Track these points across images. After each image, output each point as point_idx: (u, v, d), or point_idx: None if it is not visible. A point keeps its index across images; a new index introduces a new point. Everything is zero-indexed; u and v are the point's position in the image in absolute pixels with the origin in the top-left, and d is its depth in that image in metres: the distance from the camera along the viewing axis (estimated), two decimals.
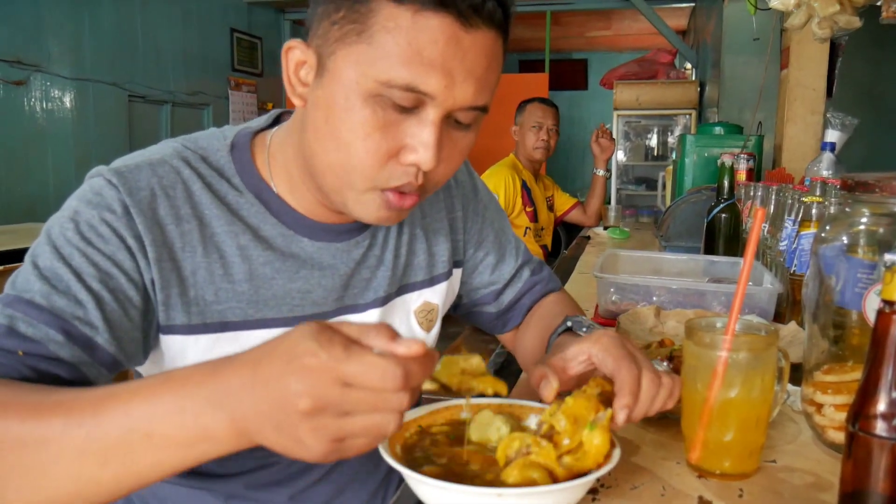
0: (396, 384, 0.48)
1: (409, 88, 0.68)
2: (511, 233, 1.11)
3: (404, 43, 0.67)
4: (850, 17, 1.80)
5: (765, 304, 1.29)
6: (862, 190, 0.78)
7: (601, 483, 0.73)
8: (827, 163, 1.98)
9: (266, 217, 0.82)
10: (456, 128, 0.75)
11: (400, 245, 0.93)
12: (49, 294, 0.67)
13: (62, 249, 0.70)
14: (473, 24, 0.68)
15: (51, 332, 0.66)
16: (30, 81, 4.05)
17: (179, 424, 0.52)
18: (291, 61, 0.76)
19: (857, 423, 0.61)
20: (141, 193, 0.74)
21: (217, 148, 0.83)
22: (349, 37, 0.69)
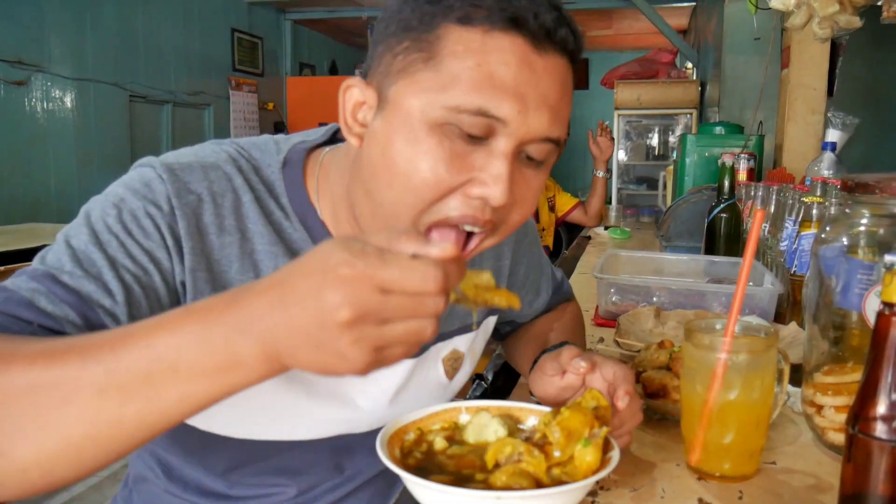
0: (438, 285, 0.46)
1: (481, 113, 0.63)
2: (545, 260, 1.09)
3: (474, 65, 0.63)
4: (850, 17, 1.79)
5: (765, 305, 1.29)
6: (862, 191, 0.78)
7: (600, 485, 0.73)
8: (827, 163, 1.98)
9: (307, 245, 0.77)
10: (528, 165, 0.69)
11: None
12: (79, 277, 0.64)
13: (101, 235, 0.66)
14: (545, 48, 0.65)
15: (71, 313, 0.62)
16: (31, 81, 4.06)
17: (207, 352, 0.49)
18: (349, 101, 0.71)
19: (857, 425, 0.60)
20: (189, 197, 0.71)
21: (269, 163, 0.79)
22: (414, 65, 0.65)
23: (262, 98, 6.36)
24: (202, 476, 0.85)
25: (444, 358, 0.92)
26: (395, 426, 0.70)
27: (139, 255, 0.67)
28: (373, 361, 0.48)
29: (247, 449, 0.81)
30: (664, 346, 1.00)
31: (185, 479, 0.86)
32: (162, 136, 5.23)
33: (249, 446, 0.81)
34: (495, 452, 0.64)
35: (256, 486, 0.85)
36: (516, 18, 0.63)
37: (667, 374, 0.92)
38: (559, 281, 1.14)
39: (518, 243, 1.01)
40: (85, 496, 2.80)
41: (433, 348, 0.89)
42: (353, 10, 6.46)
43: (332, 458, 0.86)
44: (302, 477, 0.86)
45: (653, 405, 0.89)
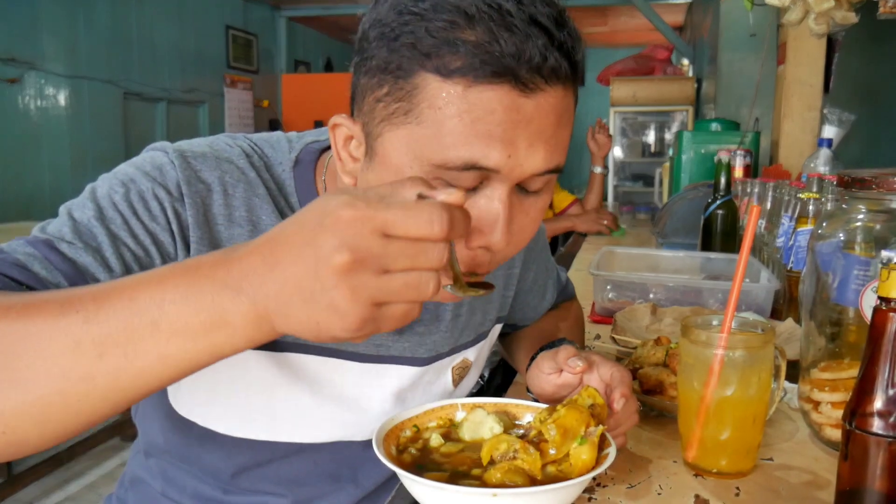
0: (442, 229, 0.44)
1: (469, 167, 0.60)
2: (552, 264, 1.09)
3: (456, 119, 0.59)
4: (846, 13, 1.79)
5: (762, 301, 1.28)
6: (859, 186, 0.78)
7: (597, 482, 0.72)
8: (824, 159, 1.98)
9: None
10: (527, 195, 0.66)
11: (461, 304, 0.87)
12: (78, 248, 0.62)
13: (106, 211, 0.65)
14: (535, 86, 0.60)
15: (63, 282, 0.60)
16: (24, 79, 4.04)
17: (192, 309, 0.46)
18: (340, 138, 0.69)
19: (853, 420, 0.60)
20: (199, 185, 0.70)
21: (281, 161, 0.77)
22: (396, 116, 0.62)
23: (257, 95, 6.34)
24: (199, 482, 0.84)
25: (454, 367, 0.91)
26: (390, 423, 0.69)
27: (142, 236, 0.66)
28: (369, 318, 0.45)
29: (245, 450, 0.80)
30: (661, 342, 1.00)
31: (182, 484, 0.85)
32: (156, 134, 5.21)
33: (248, 447, 0.80)
34: (490, 449, 0.64)
35: (252, 494, 0.84)
36: (500, 71, 0.58)
37: (663, 370, 0.91)
38: (563, 283, 1.14)
39: (529, 251, 1.00)
40: (80, 496, 2.79)
41: (447, 359, 0.88)
42: (348, 7, 6.45)
43: (331, 468, 0.84)
44: (299, 489, 0.84)
45: (649, 401, 0.89)
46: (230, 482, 0.82)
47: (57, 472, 2.92)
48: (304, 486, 0.84)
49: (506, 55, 0.58)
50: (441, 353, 0.86)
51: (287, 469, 0.82)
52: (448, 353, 0.88)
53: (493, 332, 0.98)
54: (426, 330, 0.84)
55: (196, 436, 0.79)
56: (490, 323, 0.94)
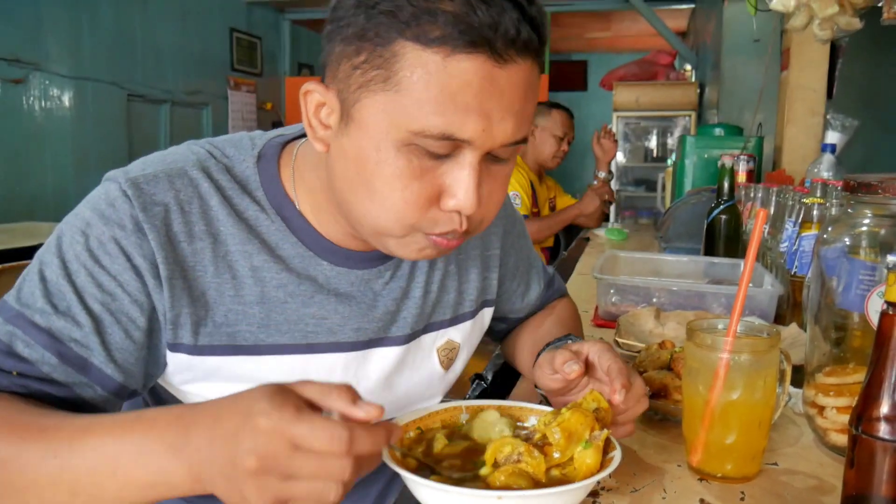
0: (342, 447, 0.50)
1: (445, 137, 0.63)
2: (534, 254, 1.10)
3: (435, 89, 0.62)
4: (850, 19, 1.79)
5: (765, 306, 1.28)
6: (864, 191, 0.78)
7: (602, 486, 0.72)
8: (827, 164, 1.98)
9: (286, 235, 0.78)
10: (494, 162, 0.70)
11: (431, 281, 0.89)
12: (50, 315, 0.68)
13: (70, 265, 0.70)
14: (508, 58, 0.63)
15: (46, 353, 0.67)
16: (28, 80, 4.04)
17: (142, 465, 0.56)
18: (311, 104, 0.71)
19: (860, 425, 0.60)
20: (155, 209, 0.72)
21: (243, 158, 0.79)
22: (374, 83, 0.64)
23: (260, 98, 6.34)
24: None
25: (439, 348, 0.92)
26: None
27: (106, 282, 0.70)
28: None
29: None
30: (665, 346, 0.99)
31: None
32: (160, 136, 5.22)
33: None
34: (494, 452, 0.64)
35: None
36: (477, 41, 0.61)
37: (668, 374, 0.91)
38: (550, 276, 1.14)
39: (507, 234, 1.02)
40: None
41: (425, 337, 0.90)
42: None
43: None
44: None
45: (654, 405, 0.89)
46: None
47: None
48: None
49: (483, 25, 0.61)
50: (416, 331, 0.88)
51: None
52: (423, 331, 0.89)
53: (482, 316, 0.99)
54: (396, 307, 0.85)
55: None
56: (472, 304, 0.95)
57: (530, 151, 3.24)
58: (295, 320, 0.78)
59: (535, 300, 1.09)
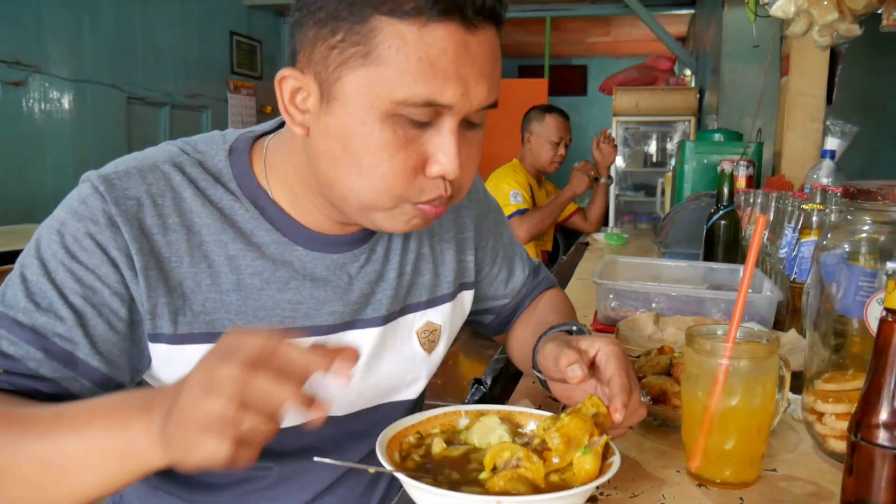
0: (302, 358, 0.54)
1: (427, 103, 0.67)
2: (515, 242, 1.12)
3: (415, 59, 0.66)
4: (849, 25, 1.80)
5: (764, 312, 1.28)
6: (864, 197, 0.78)
7: (601, 491, 0.72)
8: (826, 170, 1.98)
9: (260, 223, 0.80)
10: (469, 128, 0.75)
11: (405, 263, 0.91)
12: (32, 312, 0.70)
13: (48, 264, 0.71)
14: (477, 25, 0.68)
15: (31, 349, 0.69)
16: (28, 82, 4.05)
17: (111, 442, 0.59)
18: (286, 91, 0.73)
19: (859, 432, 0.60)
20: (128, 203, 0.74)
21: (215, 152, 0.82)
22: (354, 60, 0.67)
23: (260, 101, 6.35)
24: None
25: (419, 330, 0.93)
26: (394, 429, 0.69)
27: (84, 276, 0.71)
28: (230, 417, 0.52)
29: None
30: (664, 351, 0.99)
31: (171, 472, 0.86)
32: (159, 139, 5.18)
33: None
34: (493, 456, 0.64)
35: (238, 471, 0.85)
36: (449, 9, 0.65)
37: (667, 379, 0.91)
38: (535, 265, 1.15)
39: (481, 217, 1.03)
40: None
41: (403, 319, 0.91)
42: None
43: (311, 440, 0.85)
44: (284, 461, 0.86)
45: (653, 411, 0.89)
46: None
47: None
48: (289, 458, 0.86)
49: None
50: (393, 312, 0.89)
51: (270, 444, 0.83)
52: (401, 313, 0.91)
53: (461, 299, 1.00)
54: (371, 290, 0.87)
55: None
56: (449, 286, 0.97)
57: (528, 157, 3.24)
58: (271, 306, 0.80)
59: (521, 287, 1.09)
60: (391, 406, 0.92)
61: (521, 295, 1.10)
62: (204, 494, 0.86)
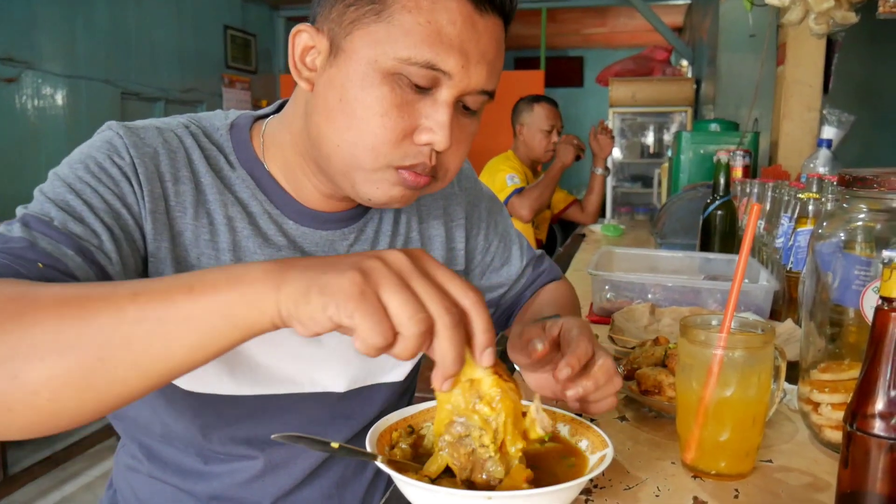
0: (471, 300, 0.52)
1: (429, 66, 0.70)
2: (514, 231, 1.11)
3: (424, 22, 0.69)
4: (846, 13, 1.78)
5: (761, 302, 1.28)
6: (860, 185, 0.77)
7: (595, 484, 0.71)
8: (823, 159, 1.97)
9: (255, 193, 0.83)
10: (464, 114, 0.77)
11: (393, 245, 0.92)
12: (66, 220, 0.68)
13: (74, 185, 0.71)
14: (486, 9, 0.72)
15: (69, 251, 0.66)
16: (21, 78, 4.02)
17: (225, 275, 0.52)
18: (298, 46, 0.76)
19: (854, 422, 0.59)
20: (146, 149, 0.77)
21: (218, 126, 0.85)
22: (367, 17, 0.71)
23: (255, 95, 6.32)
24: (177, 452, 0.87)
25: None
26: (384, 424, 0.68)
27: (111, 199, 0.72)
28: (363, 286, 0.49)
29: (209, 408, 0.83)
30: (659, 342, 0.99)
31: (164, 460, 0.89)
32: None
33: (212, 404, 0.82)
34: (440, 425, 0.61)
35: (227, 460, 0.87)
36: None
37: (662, 370, 0.91)
38: (537, 255, 1.14)
39: (471, 205, 1.04)
40: (76, 496, 2.78)
41: None
42: None
43: (298, 426, 0.86)
44: (271, 450, 0.87)
45: (647, 402, 0.88)
46: (202, 446, 0.85)
47: (53, 472, 2.91)
48: (276, 446, 0.87)
49: None
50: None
51: (255, 429, 0.86)
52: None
53: None
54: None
55: (162, 397, 0.82)
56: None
57: (521, 148, 3.24)
58: None
59: (518, 275, 1.09)
60: (376, 388, 0.92)
61: (521, 285, 1.09)
62: (196, 482, 0.88)
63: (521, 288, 1.09)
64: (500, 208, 1.11)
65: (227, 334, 0.52)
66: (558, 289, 1.11)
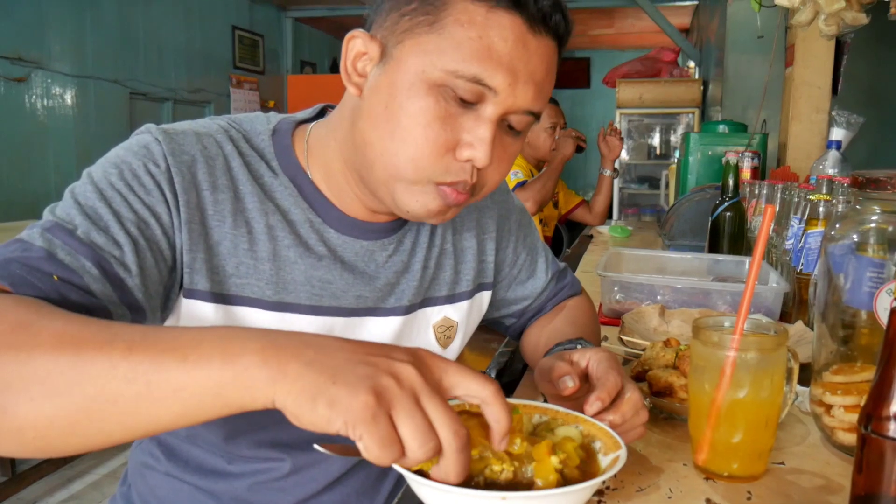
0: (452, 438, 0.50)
1: (476, 80, 0.69)
2: (541, 245, 1.10)
3: (476, 36, 0.68)
4: (856, 14, 1.78)
5: (771, 304, 1.27)
6: (873, 187, 0.77)
7: (607, 485, 0.71)
8: (832, 161, 1.96)
9: (298, 201, 0.82)
10: (508, 133, 0.76)
11: (430, 257, 0.92)
12: (89, 230, 0.68)
13: (105, 191, 0.70)
14: (540, 30, 0.71)
15: (87, 263, 0.66)
16: (31, 78, 4.05)
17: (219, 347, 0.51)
18: (351, 51, 0.76)
19: (869, 425, 0.59)
20: (184, 156, 0.75)
21: (260, 131, 0.84)
22: (420, 27, 0.70)
23: (262, 96, 6.34)
24: (201, 452, 0.87)
25: (435, 325, 0.94)
26: None
27: (140, 209, 0.71)
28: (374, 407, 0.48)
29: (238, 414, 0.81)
30: (670, 344, 0.99)
31: (185, 458, 0.88)
32: None
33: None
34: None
35: (252, 461, 0.87)
36: (519, 2, 0.69)
37: (673, 372, 0.90)
38: (561, 269, 1.13)
39: (503, 219, 1.03)
40: (84, 494, 2.79)
41: (422, 312, 0.92)
42: (354, 9, 6.45)
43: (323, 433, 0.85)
44: (298, 453, 0.87)
45: (659, 404, 0.88)
46: (229, 450, 0.85)
47: (61, 470, 2.92)
48: (303, 450, 0.86)
49: None
50: (414, 304, 0.90)
51: (283, 433, 0.85)
52: (421, 305, 0.92)
53: (479, 299, 1.01)
54: (396, 280, 0.88)
55: None
56: (468, 284, 0.97)
57: (526, 148, 3.24)
58: (302, 281, 0.81)
59: (542, 289, 1.08)
60: None
61: (543, 298, 1.08)
62: (216, 482, 0.87)
63: (543, 300, 1.09)
64: (529, 221, 1.10)
65: (217, 410, 0.51)
66: (579, 307, 1.10)
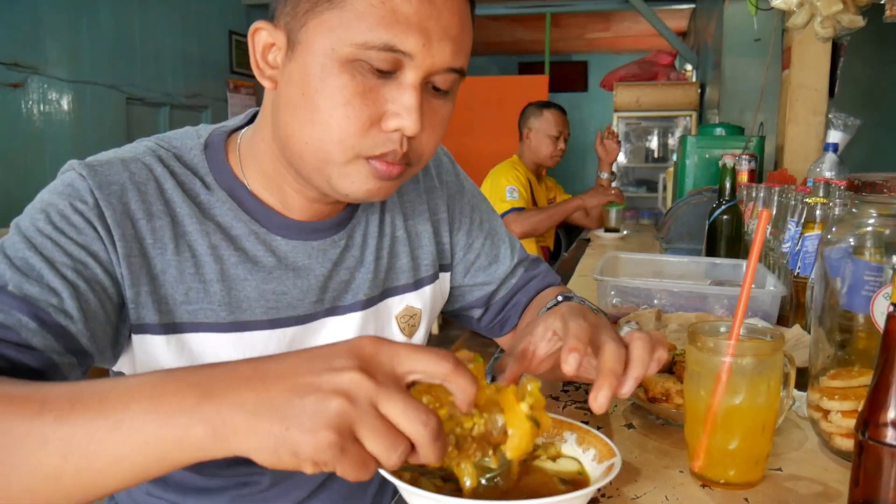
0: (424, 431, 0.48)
1: (387, 48, 0.67)
2: (504, 231, 1.07)
3: (378, 3, 0.66)
4: (853, 17, 1.78)
5: (768, 307, 1.27)
6: (869, 190, 0.76)
7: (602, 493, 0.71)
8: (829, 164, 1.96)
9: (238, 214, 0.80)
10: (435, 95, 0.74)
11: (381, 247, 0.91)
12: (21, 283, 0.65)
13: (34, 239, 0.67)
14: None
15: (23, 318, 0.63)
16: (27, 84, 4.04)
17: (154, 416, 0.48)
18: (258, 44, 0.74)
19: (866, 431, 0.58)
20: (112, 187, 0.72)
21: (191, 147, 0.81)
22: (320, 6, 0.68)
23: (259, 100, 6.33)
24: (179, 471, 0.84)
25: (398, 315, 0.93)
26: None
27: (75, 251, 0.68)
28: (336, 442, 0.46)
29: None
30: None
31: (164, 478, 0.86)
32: None
33: None
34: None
35: (231, 477, 0.85)
36: None
37: (669, 377, 0.90)
38: (530, 258, 1.09)
39: (452, 199, 1.01)
40: None
41: (383, 304, 0.91)
42: None
43: None
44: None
45: (655, 410, 0.87)
46: (206, 468, 0.83)
47: None
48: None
49: None
50: (373, 297, 0.89)
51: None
52: (381, 297, 0.90)
53: (441, 282, 0.99)
54: (351, 276, 0.87)
55: None
56: (428, 268, 0.96)
57: (527, 153, 3.24)
58: (255, 297, 0.79)
59: (508, 275, 1.04)
60: None
61: (513, 286, 1.04)
62: (197, 498, 0.86)
63: (512, 288, 1.04)
64: (486, 205, 1.07)
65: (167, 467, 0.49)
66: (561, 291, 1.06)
